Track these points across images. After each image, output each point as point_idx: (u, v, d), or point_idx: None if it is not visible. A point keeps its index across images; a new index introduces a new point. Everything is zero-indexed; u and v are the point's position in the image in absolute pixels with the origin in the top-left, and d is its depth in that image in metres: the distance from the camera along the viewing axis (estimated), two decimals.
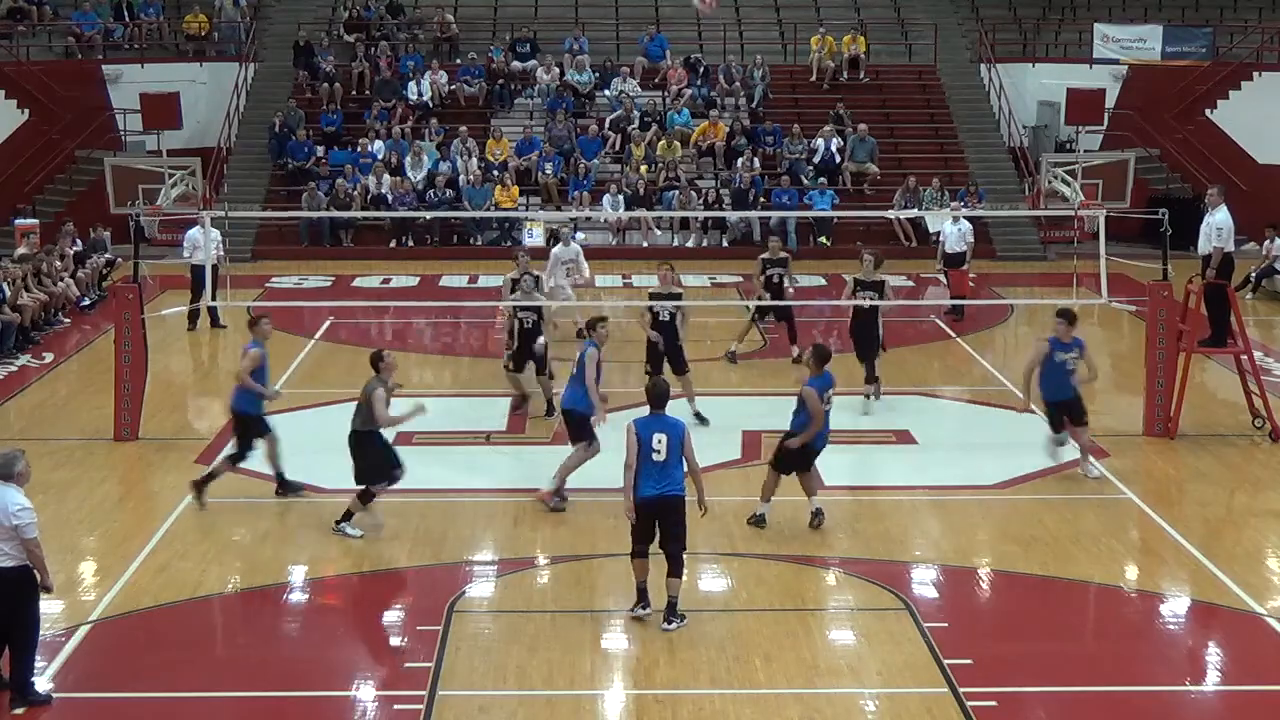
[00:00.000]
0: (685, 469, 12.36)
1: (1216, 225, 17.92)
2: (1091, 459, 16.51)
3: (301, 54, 36.64)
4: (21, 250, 27.02)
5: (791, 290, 22.30)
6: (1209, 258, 18.07)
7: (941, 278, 26.58)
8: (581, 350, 15.39)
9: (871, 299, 19.17)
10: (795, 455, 14.59)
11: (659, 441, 12.16)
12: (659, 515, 12.21)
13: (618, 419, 15.06)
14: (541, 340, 18.54)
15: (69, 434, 18.21)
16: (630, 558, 12.44)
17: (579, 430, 15.29)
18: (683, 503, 12.26)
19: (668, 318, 18.73)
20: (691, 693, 11.17)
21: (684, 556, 12.31)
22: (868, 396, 19.10)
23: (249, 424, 15.67)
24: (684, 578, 12.36)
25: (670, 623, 12.21)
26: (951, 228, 25.50)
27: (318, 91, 35.72)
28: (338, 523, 14.60)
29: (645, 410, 12.56)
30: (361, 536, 14.50)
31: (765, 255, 22.34)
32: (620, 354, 22.78)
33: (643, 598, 12.38)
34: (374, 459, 14.62)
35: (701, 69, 36.56)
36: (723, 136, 34.50)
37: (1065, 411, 16.23)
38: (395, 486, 16.15)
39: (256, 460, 17.10)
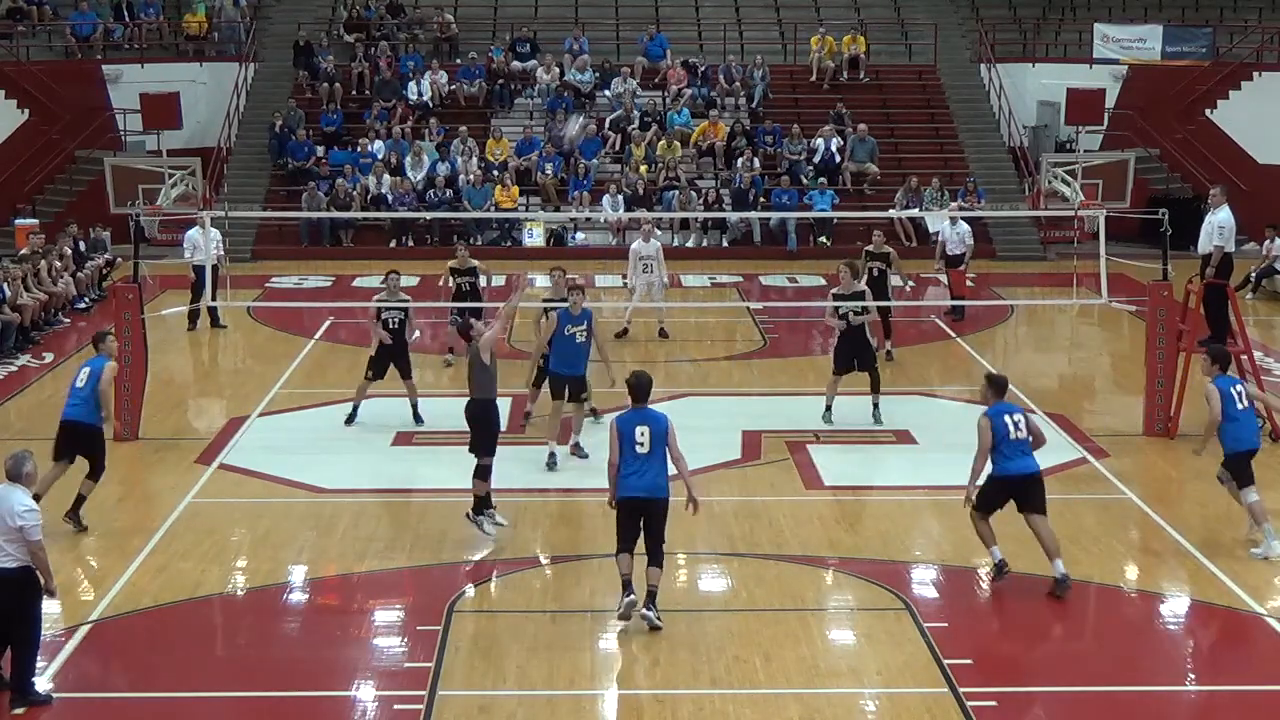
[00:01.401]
0: (672, 468, 12.34)
1: (1219, 224, 17.92)
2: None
3: (301, 54, 36.64)
4: (23, 250, 26.99)
5: (902, 286, 23.10)
6: (1210, 257, 18.07)
7: (941, 277, 26.56)
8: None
9: (856, 314, 18.54)
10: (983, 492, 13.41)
11: (641, 434, 12.21)
12: (643, 514, 12.26)
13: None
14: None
15: None
16: (615, 555, 12.42)
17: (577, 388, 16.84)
18: (666, 505, 12.31)
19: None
20: (691, 693, 11.16)
21: (663, 550, 12.33)
22: (876, 408, 18.70)
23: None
24: (663, 569, 12.35)
25: (650, 609, 12.16)
26: (950, 230, 25.50)
27: (318, 91, 35.71)
28: (472, 515, 14.35)
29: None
30: (505, 525, 14.39)
31: (869, 248, 22.21)
32: (619, 353, 22.83)
33: (628, 588, 12.29)
34: (493, 429, 14.46)
35: (701, 69, 36.55)
36: (723, 136, 34.50)
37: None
38: (396, 486, 16.21)
39: (256, 460, 17.14)
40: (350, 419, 18.55)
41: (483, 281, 21.53)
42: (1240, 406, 14.16)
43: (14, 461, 10.95)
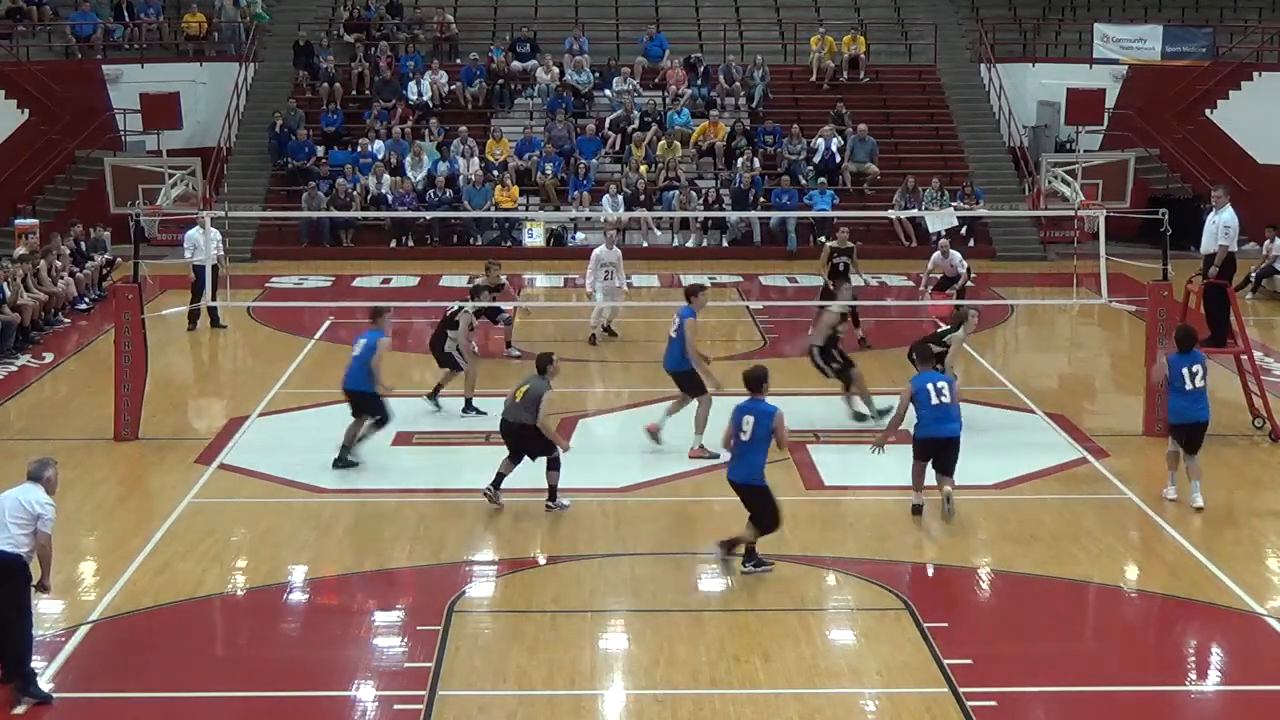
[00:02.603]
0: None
1: (1224, 223, 17.90)
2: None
3: (301, 54, 36.65)
4: (21, 250, 26.99)
5: (863, 283, 22.92)
6: (1212, 257, 18.07)
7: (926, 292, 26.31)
8: (680, 316, 17.18)
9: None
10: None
11: (746, 423, 13.17)
12: (739, 495, 13.44)
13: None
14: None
15: (69, 434, 18.20)
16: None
17: (690, 386, 17.09)
18: (761, 490, 13.36)
19: None
20: (691, 693, 11.16)
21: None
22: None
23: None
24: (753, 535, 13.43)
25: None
26: (943, 261, 25.48)
27: (318, 91, 35.72)
28: (548, 505, 15.05)
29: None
30: (569, 507, 14.97)
31: (833, 244, 22.46)
32: (620, 354, 22.84)
33: (751, 556, 13.45)
34: (544, 441, 15.02)
35: (701, 69, 36.55)
36: (723, 136, 34.51)
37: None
38: (396, 486, 16.21)
39: (256, 460, 17.16)
40: (468, 408, 19.01)
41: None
42: (1189, 386, 15.24)
43: (38, 465, 11.21)
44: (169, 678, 11.49)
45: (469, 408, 18.99)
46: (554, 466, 15.04)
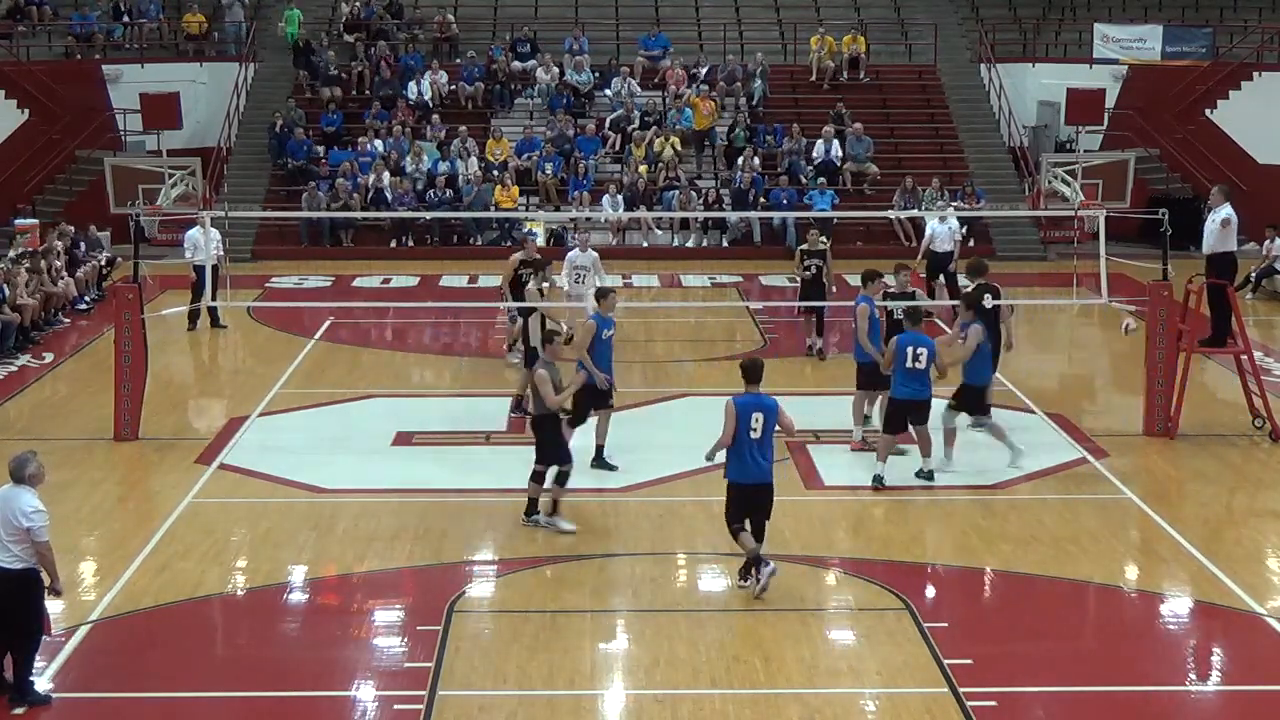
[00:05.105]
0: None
1: (1223, 219, 17.92)
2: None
3: (301, 54, 36.64)
4: (16, 250, 26.94)
5: (832, 286, 22.61)
6: (1212, 257, 18.08)
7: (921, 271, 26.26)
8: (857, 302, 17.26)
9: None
10: None
11: (756, 420, 12.81)
12: (752, 499, 12.97)
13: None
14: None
15: (69, 434, 18.20)
16: (732, 535, 13.05)
17: (868, 379, 17.15)
18: (772, 490, 13.04)
19: None
20: (691, 693, 11.17)
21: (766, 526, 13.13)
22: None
23: None
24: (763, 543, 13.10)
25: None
26: (940, 226, 25.48)
27: (318, 91, 35.72)
28: (527, 515, 14.66)
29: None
30: (573, 532, 14.49)
31: (804, 247, 22.35)
32: (619, 354, 22.81)
33: (762, 562, 12.92)
34: (553, 439, 14.53)
35: (702, 70, 36.52)
36: (716, 114, 34.49)
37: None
38: (396, 486, 16.19)
39: (256, 460, 17.15)
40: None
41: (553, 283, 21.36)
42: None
43: (17, 464, 10.93)
44: (169, 678, 11.49)
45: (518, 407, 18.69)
46: (560, 480, 14.65)
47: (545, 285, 20.18)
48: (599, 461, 16.52)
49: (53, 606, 12.24)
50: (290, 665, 11.88)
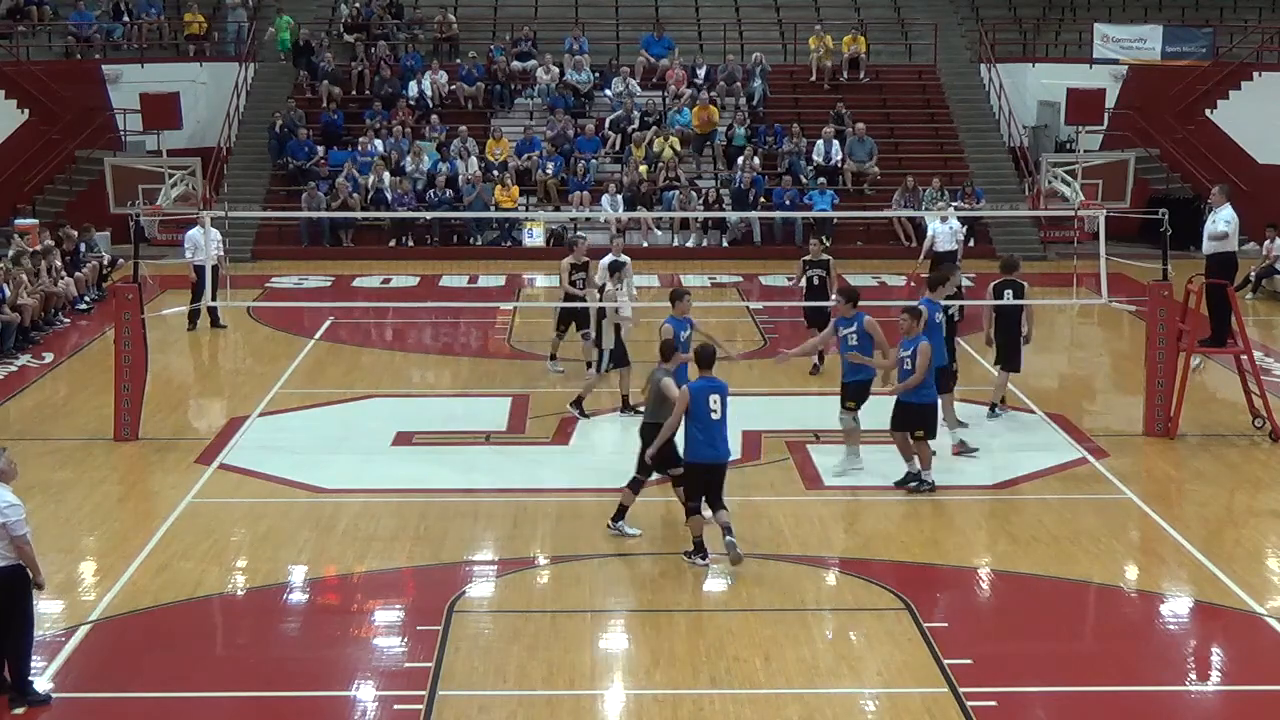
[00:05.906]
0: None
1: (1225, 219, 17.93)
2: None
3: (301, 54, 36.64)
4: (14, 250, 26.90)
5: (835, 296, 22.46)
6: (1212, 258, 18.08)
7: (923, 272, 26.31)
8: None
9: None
10: None
11: (714, 401, 13.35)
12: (712, 477, 13.54)
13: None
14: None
15: (69, 434, 18.20)
16: (688, 513, 13.60)
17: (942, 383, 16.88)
18: (726, 468, 13.65)
19: None
20: (691, 693, 11.16)
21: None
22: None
23: None
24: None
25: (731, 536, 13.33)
26: (941, 226, 25.47)
27: (318, 91, 35.72)
28: (613, 521, 14.48)
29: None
30: (638, 536, 14.43)
31: (807, 257, 22.09)
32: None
33: (700, 549, 13.58)
34: (664, 449, 14.16)
35: (702, 70, 36.53)
36: (717, 119, 34.43)
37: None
38: (395, 486, 16.20)
39: (256, 460, 17.15)
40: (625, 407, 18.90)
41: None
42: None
43: None
44: (169, 678, 11.49)
45: (626, 407, 18.82)
46: (634, 486, 14.52)
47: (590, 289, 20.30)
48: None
49: (52, 606, 12.30)
50: (290, 665, 11.88)
